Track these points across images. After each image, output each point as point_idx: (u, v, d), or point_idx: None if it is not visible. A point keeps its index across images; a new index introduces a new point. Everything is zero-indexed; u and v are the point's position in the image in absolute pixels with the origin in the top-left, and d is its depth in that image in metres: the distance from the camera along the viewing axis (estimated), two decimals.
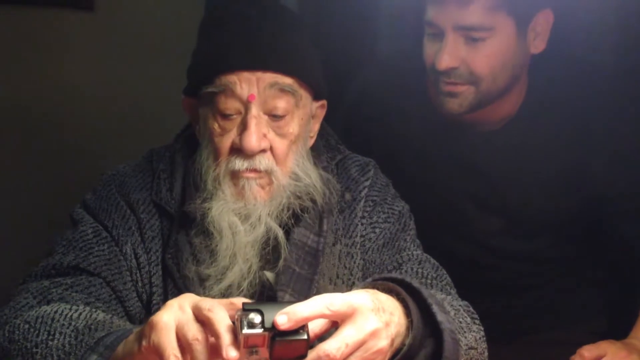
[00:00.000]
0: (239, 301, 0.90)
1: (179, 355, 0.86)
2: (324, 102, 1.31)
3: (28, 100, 2.38)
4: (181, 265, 1.22)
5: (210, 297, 1.15)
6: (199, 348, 0.86)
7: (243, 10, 1.23)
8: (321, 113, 1.31)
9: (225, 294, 1.18)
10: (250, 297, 1.21)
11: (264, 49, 1.19)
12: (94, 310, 1.09)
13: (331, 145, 1.37)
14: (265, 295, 1.24)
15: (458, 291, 1.28)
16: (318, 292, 1.21)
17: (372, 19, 1.86)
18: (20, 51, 2.37)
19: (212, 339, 0.87)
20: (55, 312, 1.07)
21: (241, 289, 1.19)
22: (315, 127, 1.31)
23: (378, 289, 0.99)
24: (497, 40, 1.48)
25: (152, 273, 1.24)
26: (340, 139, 1.39)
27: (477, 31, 1.46)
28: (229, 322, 0.87)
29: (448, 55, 1.48)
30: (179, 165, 1.29)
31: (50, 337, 1.03)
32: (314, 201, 1.25)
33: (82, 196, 1.30)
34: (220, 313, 0.87)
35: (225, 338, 0.85)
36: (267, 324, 0.86)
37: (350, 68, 1.87)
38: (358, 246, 1.29)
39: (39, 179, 2.37)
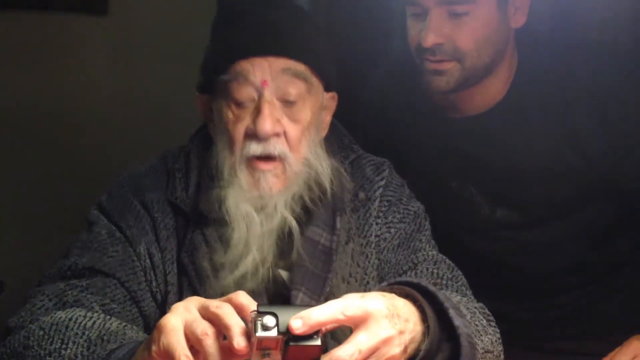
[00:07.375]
0: (237, 297, 0.89)
1: (189, 355, 0.85)
2: (335, 94, 1.31)
3: (44, 103, 2.40)
4: (197, 264, 1.22)
5: (224, 287, 1.17)
6: (210, 342, 0.85)
7: (254, 4, 1.25)
8: (332, 105, 1.31)
9: (239, 284, 1.18)
10: (263, 293, 1.21)
11: (276, 36, 1.21)
12: (107, 317, 1.09)
13: (345, 144, 1.37)
14: (279, 293, 1.23)
15: (478, 292, 1.26)
16: (331, 291, 1.22)
17: (384, 18, 1.86)
18: (36, 55, 2.39)
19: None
20: (70, 319, 1.07)
21: (255, 279, 1.19)
22: (327, 119, 1.31)
23: (395, 293, 0.98)
24: (479, 14, 1.48)
25: (167, 272, 1.24)
26: (356, 139, 1.39)
27: (460, 4, 1.46)
28: (237, 317, 0.87)
29: (433, 31, 1.47)
30: (193, 164, 1.29)
31: (64, 346, 1.03)
32: (324, 192, 1.25)
33: (98, 198, 1.30)
34: (228, 308, 0.87)
35: (236, 329, 0.85)
36: (282, 328, 0.85)
37: (364, 66, 1.87)
38: (373, 246, 1.28)
39: (56, 180, 2.39)
